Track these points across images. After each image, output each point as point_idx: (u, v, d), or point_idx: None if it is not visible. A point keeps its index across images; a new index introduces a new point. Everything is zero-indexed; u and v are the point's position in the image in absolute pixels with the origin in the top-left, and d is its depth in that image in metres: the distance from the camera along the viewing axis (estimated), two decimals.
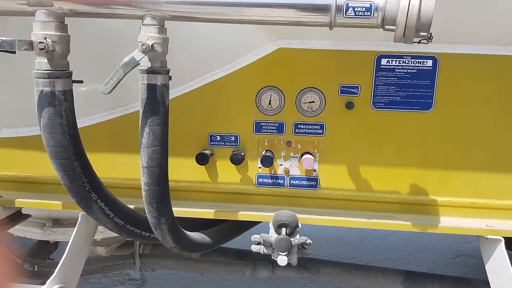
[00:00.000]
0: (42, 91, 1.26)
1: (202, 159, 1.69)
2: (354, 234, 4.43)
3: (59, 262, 1.65)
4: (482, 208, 1.68)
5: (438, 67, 1.58)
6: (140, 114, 1.29)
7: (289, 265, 2.02)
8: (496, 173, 1.65)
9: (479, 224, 1.67)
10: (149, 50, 1.18)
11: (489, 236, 1.63)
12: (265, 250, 1.53)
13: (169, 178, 1.43)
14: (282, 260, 1.48)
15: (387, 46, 1.57)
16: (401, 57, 1.58)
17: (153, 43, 1.19)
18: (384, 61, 1.59)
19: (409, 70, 1.59)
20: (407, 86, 1.61)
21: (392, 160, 1.68)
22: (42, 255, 2.53)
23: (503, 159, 1.64)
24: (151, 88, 1.26)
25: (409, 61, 1.58)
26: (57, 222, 2.29)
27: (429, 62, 1.57)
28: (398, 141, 1.66)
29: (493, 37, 1.51)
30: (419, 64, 1.58)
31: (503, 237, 1.60)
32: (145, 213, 1.45)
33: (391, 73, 1.60)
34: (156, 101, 1.27)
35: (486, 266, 1.67)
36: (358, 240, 4.34)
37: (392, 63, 1.59)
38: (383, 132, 1.66)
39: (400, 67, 1.59)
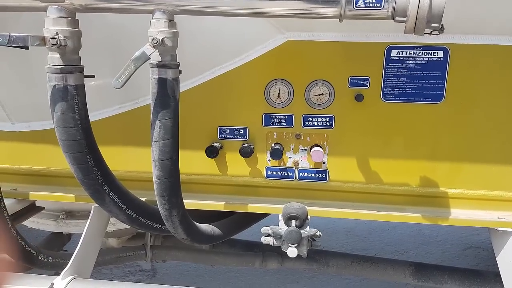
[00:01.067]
0: (55, 85, 1.27)
1: (211, 152, 1.70)
2: (363, 226, 4.43)
3: (72, 253, 1.68)
4: (493, 200, 1.67)
5: (449, 58, 1.56)
6: (151, 108, 1.31)
7: (298, 256, 2.03)
8: (507, 165, 1.64)
9: (490, 216, 1.66)
10: (159, 45, 1.19)
11: (500, 228, 1.63)
12: (275, 242, 1.54)
13: (180, 171, 1.44)
14: (292, 252, 1.50)
15: (397, 37, 1.56)
16: (411, 48, 1.57)
17: (163, 37, 1.20)
18: (394, 53, 1.58)
19: (419, 62, 1.58)
20: (417, 77, 1.59)
21: (402, 152, 1.68)
22: (56, 247, 2.58)
23: None
24: (161, 82, 1.27)
25: (420, 52, 1.57)
26: (70, 214, 2.33)
27: (440, 53, 1.56)
28: (408, 133, 1.66)
29: (506, 27, 1.49)
30: (429, 55, 1.57)
31: None
32: (157, 206, 1.47)
33: (401, 65, 1.59)
34: (167, 95, 1.28)
35: (497, 258, 1.66)
36: (367, 232, 4.34)
37: (402, 54, 1.58)
38: (393, 124, 1.65)
39: (410, 58, 1.58)
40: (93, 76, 1.37)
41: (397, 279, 2.45)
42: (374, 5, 1.13)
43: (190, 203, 1.72)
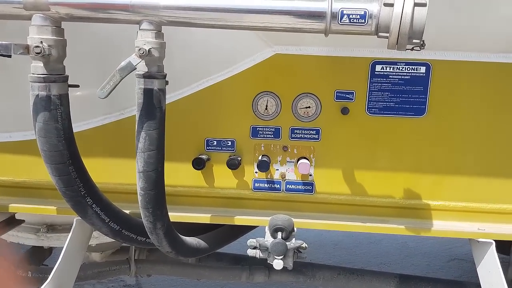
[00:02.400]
0: (37, 95, 1.25)
1: (198, 163, 1.69)
2: (350, 238, 4.45)
3: (53, 268, 1.63)
4: (474, 212, 1.71)
5: (431, 74, 1.60)
6: (137, 119, 1.30)
7: (285, 269, 2.01)
8: (487, 178, 1.68)
9: (471, 228, 1.69)
10: (146, 55, 1.19)
11: (480, 239, 1.65)
12: (261, 254, 1.53)
13: (166, 183, 1.43)
14: (278, 264, 1.49)
15: (381, 53, 1.59)
16: (395, 63, 1.60)
17: (150, 48, 1.20)
18: (378, 67, 1.61)
19: (403, 77, 1.61)
20: (401, 92, 1.63)
21: (386, 164, 1.70)
22: (36, 261, 2.50)
23: (495, 164, 1.67)
24: (147, 93, 1.26)
25: (403, 67, 1.60)
26: (51, 227, 2.27)
27: (423, 69, 1.60)
28: (392, 146, 1.68)
29: (485, 44, 1.54)
30: (412, 71, 1.60)
31: (494, 240, 1.62)
32: (141, 218, 1.45)
33: (385, 79, 1.62)
34: (153, 106, 1.27)
35: (477, 269, 1.68)
36: (354, 245, 4.35)
37: (386, 69, 1.61)
38: (378, 137, 1.68)
39: (394, 73, 1.61)
40: (77, 86, 1.36)
41: None
42: (358, 20, 1.16)
43: (176, 215, 1.70)
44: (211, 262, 2.56)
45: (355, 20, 1.17)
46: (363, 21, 1.17)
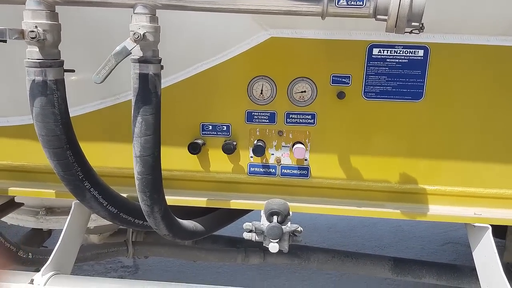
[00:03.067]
0: (34, 80, 1.25)
1: (194, 148, 1.70)
2: (344, 222, 4.49)
3: (53, 249, 1.66)
4: (470, 196, 1.72)
5: (429, 57, 1.59)
6: (132, 104, 1.30)
7: (280, 252, 2.04)
8: (484, 163, 1.69)
9: (467, 212, 1.70)
10: (140, 39, 1.18)
11: (476, 224, 1.67)
12: (256, 238, 1.55)
13: (162, 167, 1.44)
14: (273, 247, 1.51)
15: (379, 36, 1.58)
16: (392, 46, 1.59)
17: (144, 32, 1.19)
18: (375, 51, 1.60)
19: (400, 60, 1.61)
20: (398, 76, 1.62)
21: (382, 149, 1.71)
22: (35, 243, 2.54)
23: (492, 149, 1.67)
24: (143, 78, 1.26)
25: (401, 51, 1.59)
26: (50, 210, 2.30)
27: (421, 52, 1.59)
28: (388, 131, 1.69)
29: (485, 27, 1.52)
30: (410, 54, 1.59)
31: (490, 225, 1.64)
32: (138, 202, 1.47)
33: (382, 63, 1.61)
34: (148, 91, 1.27)
35: (473, 253, 1.71)
36: (348, 228, 4.40)
37: (383, 52, 1.60)
38: (374, 122, 1.68)
39: (391, 56, 1.60)
40: (73, 71, 1.36)
41: (376, 274, 2.51)
42: (356, 3, 1.15)
43: (172, 199, 1.71)
44: (207, 244, 2.61)
45: (352, 2, 1.16)
46: (361, 3, 1.16)
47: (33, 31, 1.19)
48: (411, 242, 4.16)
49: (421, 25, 1.15)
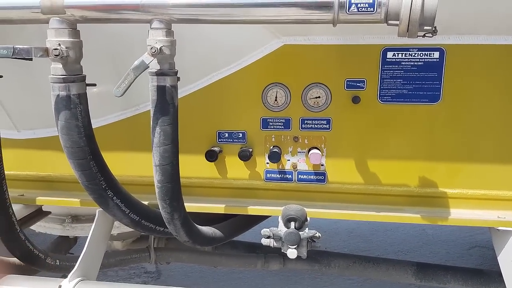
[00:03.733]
0: (58, 95, 1.32)
1: (211, 156, 1.73)
2: (366, 226, 4.44)
3: (79, 256, 1.72)
4: (493, 199, 1.68)
5: (445, 59, 1.58)
6: (151, 115, 1.35)
7: (300, 257, 2.04)
8: (506, 165, 1.65)
9: (490, 216, 1.67)
10: (157, 53, 1.23)
11: (500, 228, 1.63)
12: (275, 244, 1.57)
13: (181, 175, 1.48)
14: (291, 253, 1.52)
15: (393, 39, 1.58)
16: (407, 50, 1.59)
17: (161, 46, 1.24)
18: (390, 54, 1.60)
19: (415, 63, 1.60)
20: (414, 78, 1.61)
21: (400, 153, 1.70)
22: (62, 250, 2.62)
23: None
24: (160, 90, 1.31)
25: (416, 53, 1.59)
26: (76, 218, 2.38)
27: (436, 54, 1.58)
28: (405, 134, 1.68)
29: (500, 26, 1.50)
30: (425, 57, 1.59)
31: None
32: (159, 209, 1.51)
33: (397, 66, 1.61)
34: (166, 102, 1.31)
35: (498, 258, 1.67)
36: (370, 233, 4.35)
37: (398, 56, 1.60)
38: (391, 125, 1.68)
39: (406, 59, 1.60)
40: (94, 85, 1.42)
41: (399, 280, 2.47)
42: (367, 9, 1.15)
43: (191, 206, 1.75)
44: (227, 250, 2.62)
45: (363, 9, 1.16)
46: (372, 9, 1.16)
47: (56, 49, 1.25)
48: (435, 246, 4.07)
49: (434, 29, 1.15)
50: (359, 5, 1.17)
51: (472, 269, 2.45)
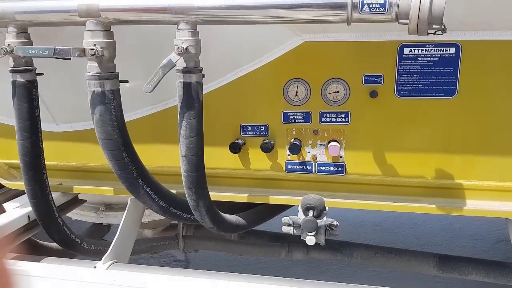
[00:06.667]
0: (94, 91, 1.44)
1: (235, 148, 1.82)
2: (391, 219, 4.43)
3: (112, 242, 1.86)
4: (509, 191, 1.70)
5: (461, 54, 1.60)
6: (178, 109, 1.45)
7: (323, 247, 2.09)
8: None
9: (506, 207, 1.69)
10: (184, 53, 1.32)
11: None
12: (294, 231, 1.65)
13: (207, 166, 1.57)
14: (310, 240, 1.60)
15: (409, 36, 1.60)
16: (423, 46, 1.62)
17: (187, 46, 1.33)
18: (406, 50, 1.64)
19: (431, 58, 1.63)
20: (430, 73, 1.65)
21: (416, 145, 1.73)
22: (97, 236, 2.80)
23: None
24: (186, 86, 1.40)
25: (432, 49, 1.62)
26: (109, 206, 2.53)
27: (452, 50, 1.60)
28: (422, 127, 1.71)
29: None
30: (441, 52, 1.62)
31: None
32: (186, 197, 1.62)
33: (414, 62, 1.65)
34: (192, 97, 1.41)
35: None
36: (395, 226, 4.34)
37: (414, 52, 1.64)
38: (407, 119, 1.71)
39: (422, 55, 1.63)
40: (127, 82, 1.53)
41: (421, 271, 2.48)
42: (378, 9, 1.21)
43: (216, 195, 1.85)
44: (252, 239, 2.71)
45: (375, 9, 1.22)
46: (383, 9, 1.22)
47: (92, 49, 1.37)
48: (462, 240, 4.04)
49: (442, 27, 1.19)
50: (371, 6, 1.22)
51: (495, 261, 2.43)
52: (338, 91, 1.73)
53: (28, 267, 1.67)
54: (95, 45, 1.37)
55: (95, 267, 1.69)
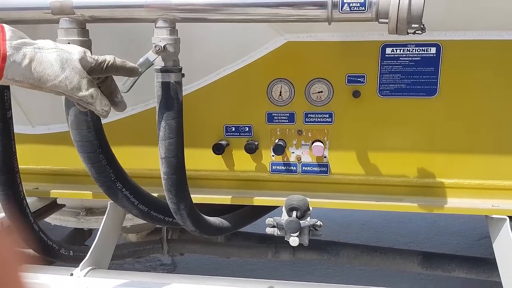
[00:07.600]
0: None
1: (218, 149, 1.79)
2: (379, 218, 4.45)
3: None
4: (488, 189, 1.72)
5: (441, 54, 1.61)
6: (157, 110, 1.41)
7: (309, 248, 2.07)
8: (501, 155, 1.68)
9: (485, 205, 1.71)
10: (162, 51, 1.29)
11: (495, 216, 1.67)
12: (278, 232, 1.63)
13: (189, 168, 1.54)
14: (293, 240, 1.58)
15: (391, 36, 1.59)
16: (405, 45, 1.62)
17: (165, 44, 1.29)
18: (388, 50, 1.64)
19: (413, 58, 1.63)
20: (411, 73, 1.65)
21: (399, 145, 1.74)
22: (78, 242, 2.72)
23: (508, 142, 1.66)
24: (165, 86, 1.36)
25: (413, 49, 1.62)
26: (90, 211, 2.46)
27: (433, 50, 1.61)
28: (404, 127, 1.71)
29: (495, 22, 1.53)
30: (423, 52, 1.62)
31: (508, 216, 1.64)
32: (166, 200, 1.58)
33: (396, 62, 1.65)
34: (171, 97, 1.37)
35: (493, 245, 1.71)
36: (382, 225, 4.37)
37: (396, 51, 1.63)
38: (390, 118, 1.71)
39: (404, 55, 1.63)
40: None
41: (405, 268, 2.51)
42: (358, 8, 1.20)
43: (199, 197, 1.82)
44: (239, 241, 2.69)
45: (355, 8, 1.21)
46: (363, 8, 1.20)
47: None
48: (446, 237, 4.08)
49: (422, 26, 1.19)
50: (351, 4, 1.20)
51: (477, 257, 2.47)
52: (321, 91, 1.72)
53: None
54: (68, 43, 1.32)
55: (71, 274, 1.64)
